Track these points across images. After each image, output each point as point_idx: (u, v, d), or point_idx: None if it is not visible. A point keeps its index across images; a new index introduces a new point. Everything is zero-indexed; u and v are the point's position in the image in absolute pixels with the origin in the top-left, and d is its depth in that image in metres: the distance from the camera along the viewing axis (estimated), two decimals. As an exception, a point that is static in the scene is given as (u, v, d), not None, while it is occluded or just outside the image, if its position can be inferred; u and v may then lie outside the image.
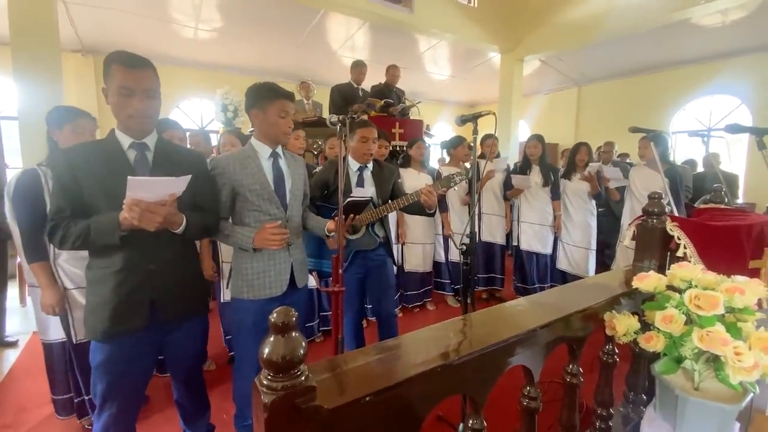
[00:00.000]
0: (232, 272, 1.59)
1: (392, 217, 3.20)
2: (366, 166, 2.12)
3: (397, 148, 3.79)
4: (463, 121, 1.81)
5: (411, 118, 4.12)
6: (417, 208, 1.96)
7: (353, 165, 2.09)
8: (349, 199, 1.76)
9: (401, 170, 3.32)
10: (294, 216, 1.63)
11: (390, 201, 1.98)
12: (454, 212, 3.50)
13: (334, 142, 3.01)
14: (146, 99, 1.24)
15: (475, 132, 1.73)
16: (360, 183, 2.07)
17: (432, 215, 2.01)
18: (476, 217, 3.64)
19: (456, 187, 1.85)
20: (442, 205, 3.48)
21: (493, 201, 3.60)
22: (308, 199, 1.81)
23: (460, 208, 3.50)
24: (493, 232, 3.63)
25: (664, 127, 6.78)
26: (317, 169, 2.60)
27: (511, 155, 5.93)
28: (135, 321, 1.27)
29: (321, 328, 2.91)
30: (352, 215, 1.79)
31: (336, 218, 1.60)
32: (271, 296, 1.55)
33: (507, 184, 3.55)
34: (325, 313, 2.90)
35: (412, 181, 3.23)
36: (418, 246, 3.40)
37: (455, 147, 3.48)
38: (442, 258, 3.63)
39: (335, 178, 1.99)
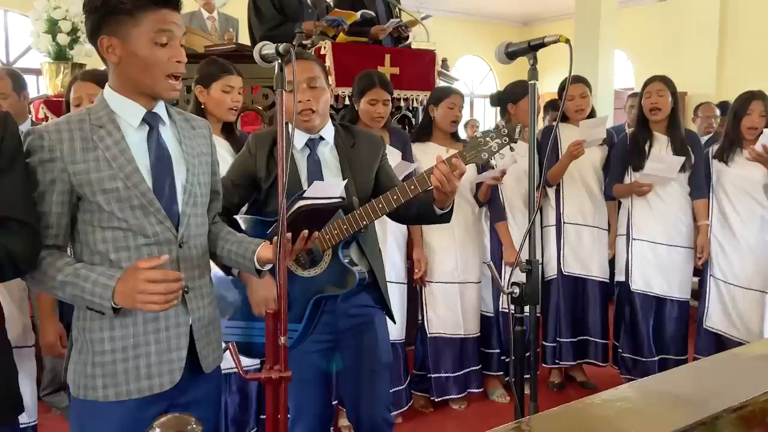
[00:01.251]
0: (72, 349, 1.58)
1: (387, 229, 3.20)
2: (322, 138, 2.14)
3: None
4: (511, 53, 1.82)
5: (413, 45, 4.16)
6: (416, 209, 1.99)
7: (298, 139, 2.11)
8: (300, 203, 1.76)
9: (415, 146, 3.37)
10: (193, 236, 1.63)
11: (373, 200, 1.99)
12: (516, 223, 3.51)
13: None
14: None
15: (534, 75, 1.73)
16: (314, 171, 2.09)
17: (445, 220, 2.01)
18: (552, 230, 3.69)
19: (498, 160, 1.85)
20: (495, 206, 3.49)
21: (583, 199, 3.64)
22: (220, 201, 1.81)
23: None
24: (584, 258, 3.66)
25: None
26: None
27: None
28: None
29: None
30: (306, 232, 1.79)
31: (274, 239, 1.60)
32: (153, 393, 1.55)
33: (614, 169, 3.55)
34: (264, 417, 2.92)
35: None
36: (452, 288, 3.42)
37: (516, 101, 3.50)
38: (489, 308, 3.65)
39: (270, 166, 1.99)
